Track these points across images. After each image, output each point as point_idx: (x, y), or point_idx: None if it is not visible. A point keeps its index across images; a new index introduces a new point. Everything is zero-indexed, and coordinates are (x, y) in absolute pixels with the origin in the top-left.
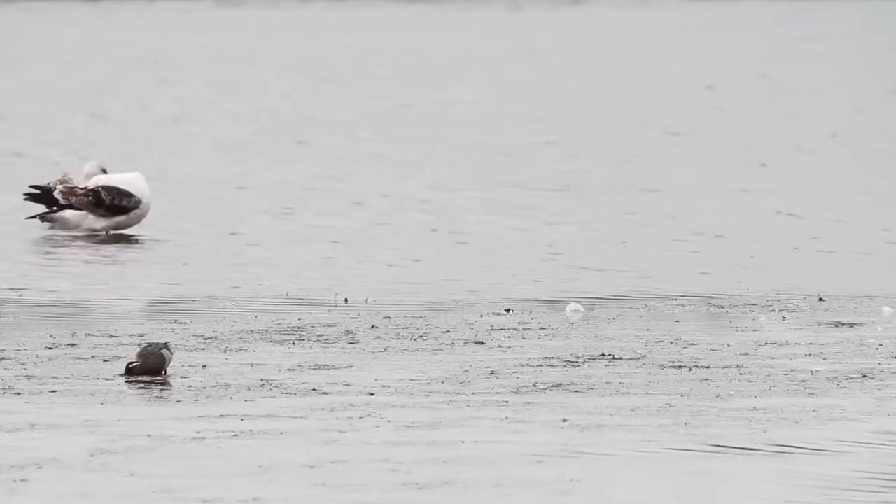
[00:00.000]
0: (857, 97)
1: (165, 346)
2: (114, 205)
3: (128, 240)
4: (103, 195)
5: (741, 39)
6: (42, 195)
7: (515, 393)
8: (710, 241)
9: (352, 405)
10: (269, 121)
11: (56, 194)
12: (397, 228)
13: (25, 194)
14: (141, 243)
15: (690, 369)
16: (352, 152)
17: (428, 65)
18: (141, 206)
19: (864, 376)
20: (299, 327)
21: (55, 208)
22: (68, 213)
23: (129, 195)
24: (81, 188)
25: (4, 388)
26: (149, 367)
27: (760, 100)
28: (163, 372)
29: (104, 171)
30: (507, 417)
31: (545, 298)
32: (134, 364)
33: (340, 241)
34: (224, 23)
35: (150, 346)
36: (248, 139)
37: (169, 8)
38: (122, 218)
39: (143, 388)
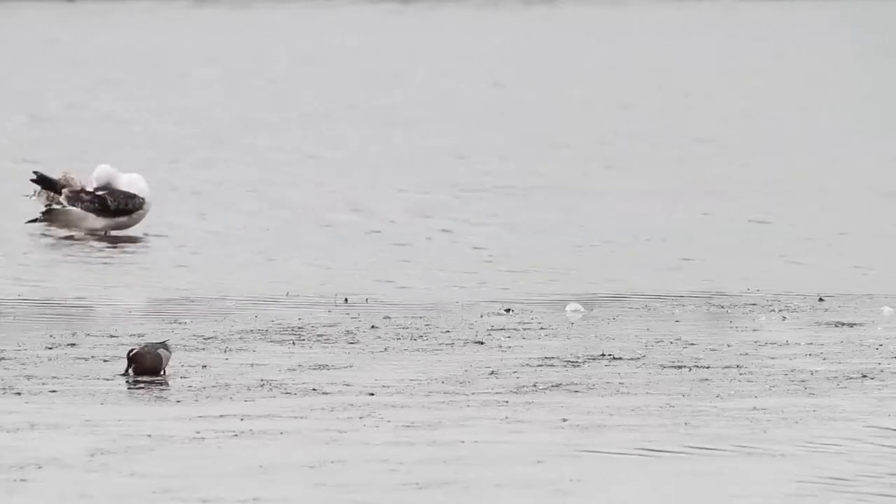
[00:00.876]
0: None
1: (164, 344)
2: (119, 209)
3: (128, 240)
4: (109, 201)
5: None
6: (49, 183)
7: (515, 393)
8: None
9: (352, 405)
10: (209, 121)
11: (62, 199)
12: (323, 227)
13: (35, 173)
14: (141, 243)
15: (690, 369)
16: (285, 153)
17: (382, 65)
18: (144, 206)
19: (864, 376)
20: (299, 327)
21: (51, 207)
22: (69, 211)
23: (132, 197)
24: (88, 193)
25: (4, 388)
26: (146, 367)
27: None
28: (161, 371)
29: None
30: (507, 417)
31: (546, 299)
32: (135, 352)
33: (257, 241)
34: (189, 22)
35: (147, 345)
36: (184, 139)
37: (138, 8)
38: (123, 219)
39: (143, 388)
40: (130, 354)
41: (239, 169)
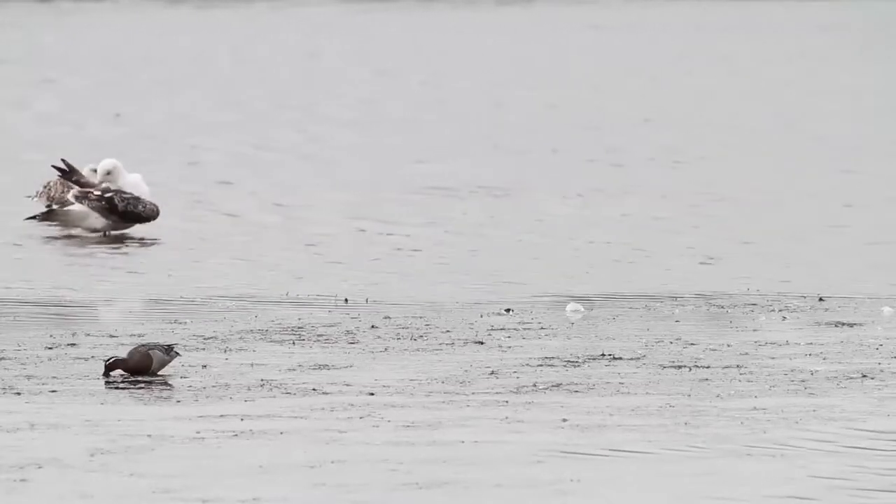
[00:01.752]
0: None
1: (168, 347)
2: (127, 211)
3: (127, 240)
4: (117, 200)
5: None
6: (72, 173)
7: (515, 393)
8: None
9: (352, 405)
10: (147, 122)
11: (70, 196)
12: (250, 228)
13: (55, 167)
14: (141, 243)
15: (690, 369)
16: (222, 155)
17: (325, 65)
18: (157, 214)
19: (864, 376)
20: (299, 327)
21: (52, 207)
22: (69, 211)
23: (138, 199)
24: (96, 193)
25: (4, 388)
26: (130, 366)
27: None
28: (150, 370)
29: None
30: (507, 417)
31: (545, 299)
32: (115, 359)
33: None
34: (149, 22)
35: (143, 345)
36: (122, 140)
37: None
38: (135, 225)
39: (143, 388)
40: (109, 362)
41: (174, 171)
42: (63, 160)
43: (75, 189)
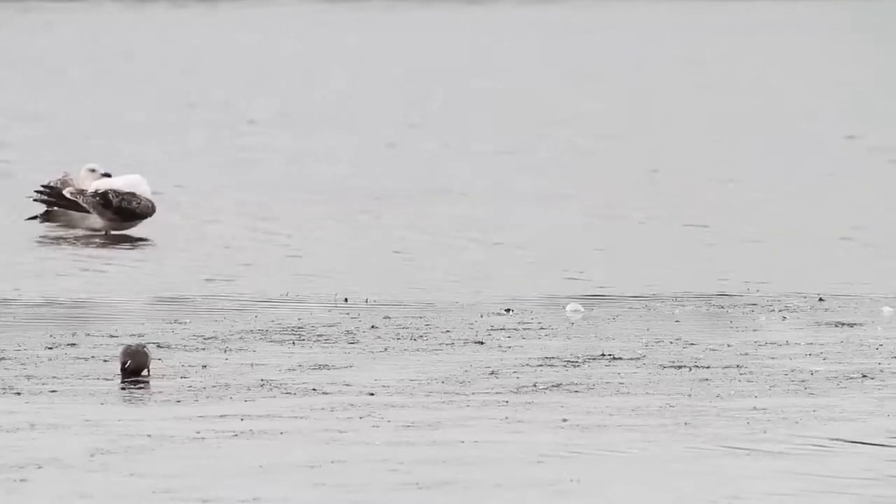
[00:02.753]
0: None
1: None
2: (122, 207)
3: (127, 240)
4: (111, 195)
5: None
6: (51, 194)
7: (515, 393)
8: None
9: (352, 405)
10: (59, 121)
11: (66, 193)
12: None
13: (36, 191)
14: (140, 243)
15: (690, 369)
16: (115, 155)
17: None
18: (153, 211)
19: (864, 376)
20: (299, 327)
21: (54, 208)
22: (69, 212)
23: (135, 197)
24: (91, 191)
25: (4, 388)
26: (137, 366)
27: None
28: (146, 371)
29: (107, 175)
30: (507, 417)
31: (545, 299)
32: (129, 363)
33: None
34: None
35: (130, 346)
36: (38, 140)
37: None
38: (132, 222)
39: (143, 388)
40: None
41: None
42: (43, 186)
43: (70, 188)
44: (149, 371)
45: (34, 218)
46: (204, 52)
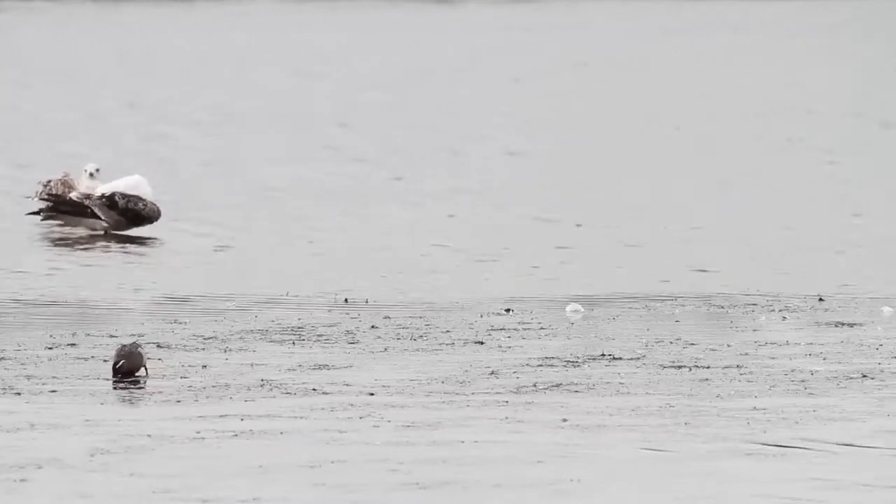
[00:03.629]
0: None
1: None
2: (128, 209)
3: (128, 240)
4: (117, 198)
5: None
6: (55, 201)
7: (515, 393)
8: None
9: (352, 405)
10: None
11: (73, 196)
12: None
13: (42, 198)
14: (141, 243)
15: (690, 369)
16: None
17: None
18: (159, 215)
19: (864, 376)
20: (299, 327)
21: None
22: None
23: (142, 199)
24: (97, 193)
25: (4, 388)
26: (132, 366)
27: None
28: (141, 370)
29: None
30: (507, 417)
31: (545, 298)
32: (122, 364)
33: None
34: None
35: (124, 346)
36: None
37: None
38: (140, 226)
39: (142, 388)
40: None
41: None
42: (48, 195)
43: (76, 192)
44: (146, 371)
45: (36, 213)
46: (185, 52)
